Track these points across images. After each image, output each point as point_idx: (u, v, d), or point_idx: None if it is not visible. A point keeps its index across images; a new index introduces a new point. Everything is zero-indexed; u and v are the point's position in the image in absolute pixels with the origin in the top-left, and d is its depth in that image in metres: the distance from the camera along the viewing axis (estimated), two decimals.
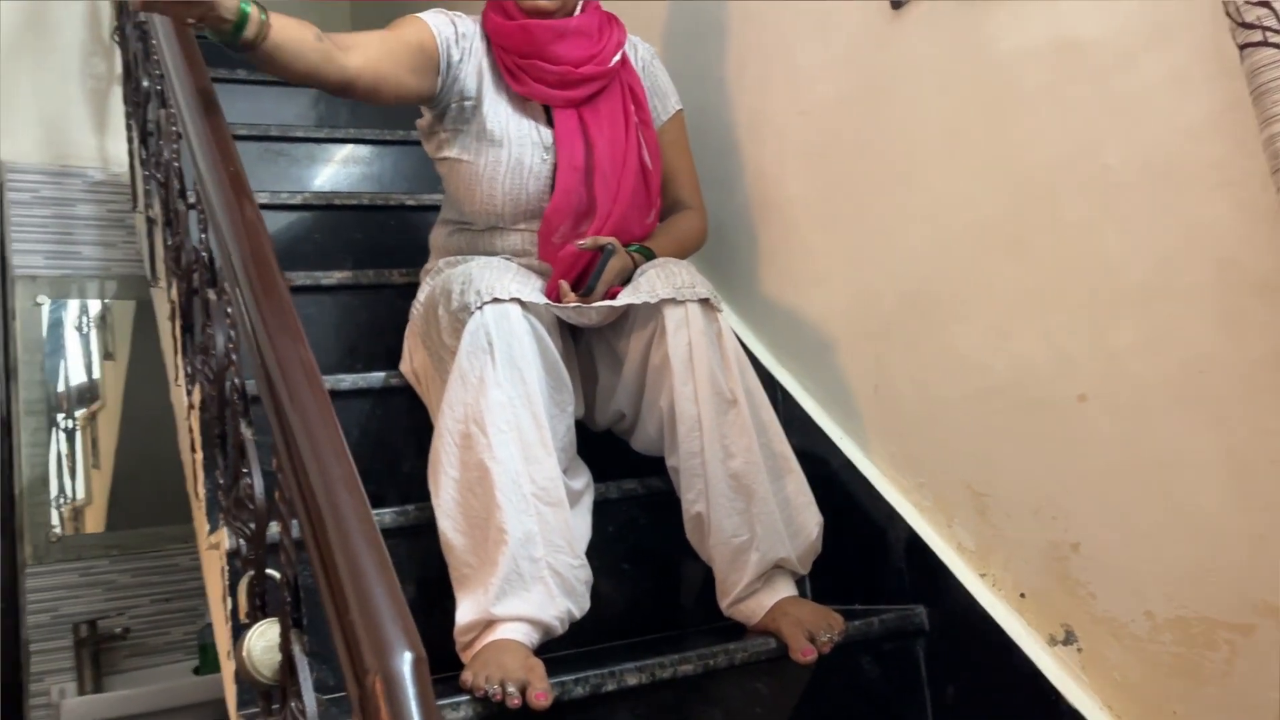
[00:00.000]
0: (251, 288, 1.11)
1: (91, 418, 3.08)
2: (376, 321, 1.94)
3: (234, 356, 1.31)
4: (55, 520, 2.53)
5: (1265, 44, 0.90)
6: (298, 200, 2.16)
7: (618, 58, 1.61)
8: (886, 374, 1.53)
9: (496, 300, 1.35)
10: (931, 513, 1.47)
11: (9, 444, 2.47)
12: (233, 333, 1.31)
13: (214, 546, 1.47)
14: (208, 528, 1.53)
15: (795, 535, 1.41)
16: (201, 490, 1.57)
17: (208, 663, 2.38)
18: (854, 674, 1.41)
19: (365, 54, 1.49)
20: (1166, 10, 1.11)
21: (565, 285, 1.46)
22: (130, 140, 2.44)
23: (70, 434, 3.03)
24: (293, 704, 0.95)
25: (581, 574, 1.31)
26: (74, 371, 2.86)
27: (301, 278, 1.90)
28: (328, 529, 0.80)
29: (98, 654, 2.39)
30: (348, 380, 1.68)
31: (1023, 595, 1.33)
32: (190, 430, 1.66)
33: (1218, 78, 1.05)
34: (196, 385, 1.58)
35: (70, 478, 2.98)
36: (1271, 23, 0.89)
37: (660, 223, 1.67)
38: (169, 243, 1.79)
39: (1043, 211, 1.28)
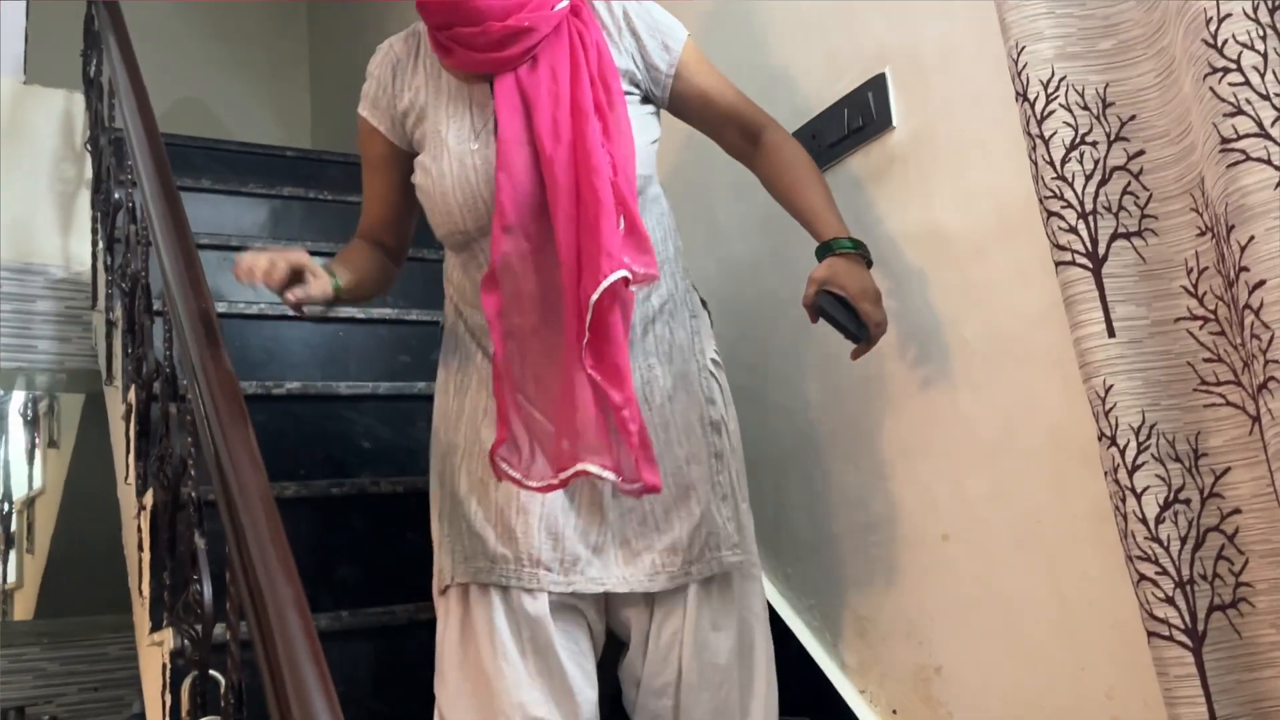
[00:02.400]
0: (217, 413, 1.25)
1: (30, 504, 3.12)
2: (325, 431, 2.07)
3: (191, 469, 1.44)
4: None
5: (1073, 264, 1.10)
6: (253, 311, 2.30)
7: (562, 4, 1.30)
8: (784, 504, 1.71)
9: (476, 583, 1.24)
10: (819, 632, 1.62)
11: None
12: (190, 444, 1.43)
13: (157, 644, 1.57)
14: (149, 625, 1.63)
15: None
16: (147, 589, 1.67)
17: None
18: None
19: (371, 220, 1.45)
20: (1013, 215, 1.33)
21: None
22: (95, 244, 2.57)
23: (5, 519, 3.07)
24: None
25: None
26: (16, 459, 2.92)
27: (253, 386, 2.03)
28: (276, 647, 0.93)
29: None
30: (291, 488, 1.80)
31: (895, 712, 1.48)
32: (139, 530, 1.76)
33: (1051, 275, 1.26)
34: (150, 489, 1.69)
35: (3, 561, 3.01)
36: (1079, 247, 1.10)
37: (758, 160, 1.43)
38: (130, 350, 1.92)
39: (910, 373, 1.48)
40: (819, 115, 1.65)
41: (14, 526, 3.03)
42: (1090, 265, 1.10)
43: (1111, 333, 1.08)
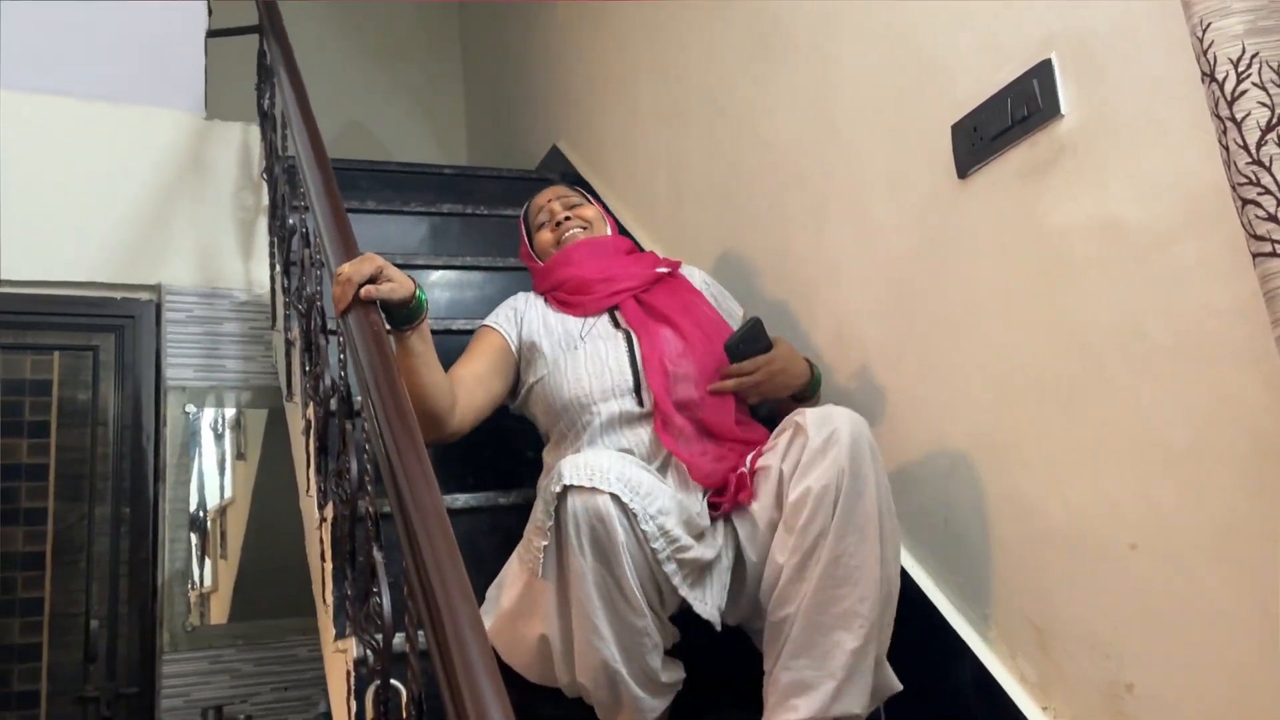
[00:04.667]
0: (390, 427, 1.29)
1: (222, 512, 3.34)
2: (489, 441, 2.12)
3: (368, 485, 1.50)
4: (190, 610, 2.77)
5: (1274, 255, 1.02)
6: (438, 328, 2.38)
7: (664, 269, 1.86)
8: (955, 510, 1.65)
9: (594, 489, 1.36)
10: (996, 644, 1.56)
11: (155, 540, 2.72)
12: (367, 460, 1.49)
13: (340, 651, 1.65)
14: (334, 632, 1.71)
15: (875, 690, 1.42)
16: (330, 596, 1.75)
17: None
18: None
19: (463, 386, 1.70)
20: (1201, 204, 1.24)
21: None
22: (272, 267, 2.72)
23: (203, 525, 3.28)
24: None
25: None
26: (209, 471, 3.12)
27: None
28: (454, 662, 0.95)
29: None
30: (461, 499, 1.86)
31: None
32: (321, 540, 1.85)
33: (1246, 267, 1.17)
34: (329, 502, 1.77)
35: (200, 566, 3.22)
36: (1276, 234, 1.02)
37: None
38: (307, 369, 2.02)
39: (1090, 371, 1.40)
40: (979, 107, 1.58)
41: (209, 534, 3.21)
42: None
43: None
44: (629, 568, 1.33)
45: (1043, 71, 1.47)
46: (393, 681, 1.35)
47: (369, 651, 1.39)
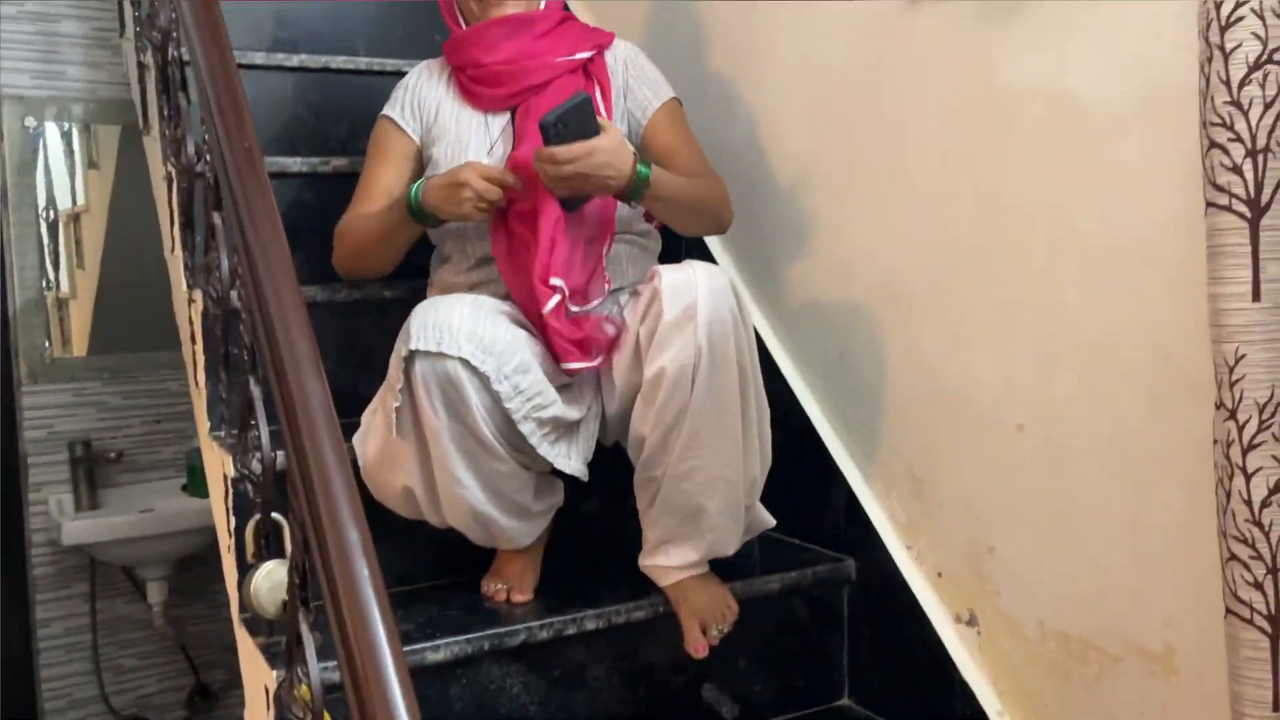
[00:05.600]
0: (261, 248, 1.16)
1: (75, 219, 3.10)
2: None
3: (239, 285, 1.37)
4: (48, 343, 2.63)
5: (1229, 209, 0.96)
6: (293, 63, 2.13)
7: (584, 54, 1.62)
8: (852, 346, 1.64)
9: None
10: (874, 481, 1.62)
11: (3, 265, 2.52)
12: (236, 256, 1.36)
13: (215, 444, 1.59)
14: (208, 425, 1.65)
15: (748, 529, 1.50)
16: (203, 385, 1.67)
17: (196, 484, 2.56)
18: (786, 612, 1.60)
19: (371, 207, 1.60)
20: (1163, 99, 1.15)
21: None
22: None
23: (53, 227, 3.05)
24: (298, 668, 1.09)
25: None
26: (59, 181, 2.85)
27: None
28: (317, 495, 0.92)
29: (92, 470, 2.56)
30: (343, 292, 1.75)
31: (940, 575, 1.50)
32: (190, 321, 1.74)
33: (1195, 183, 1.11)
34: (198, 290, 1.64)
35: (54, 270, 3.03)
36: (1239, 191, 0.96)
37: None
38: (166, 131, 1.80)
39: (1012, 245, 1.36)
40: None
41: (61, 238, 2.99)
42: (1248, 214, 0.96)
43: (1257, 295, 0.96)
44: (485, 424, 1.31)
45: None
46: (275, 516, 1.33)
47: (248, 484, 1.35)
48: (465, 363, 1.29)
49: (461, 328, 1.30)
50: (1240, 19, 0.95)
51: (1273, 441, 0.97)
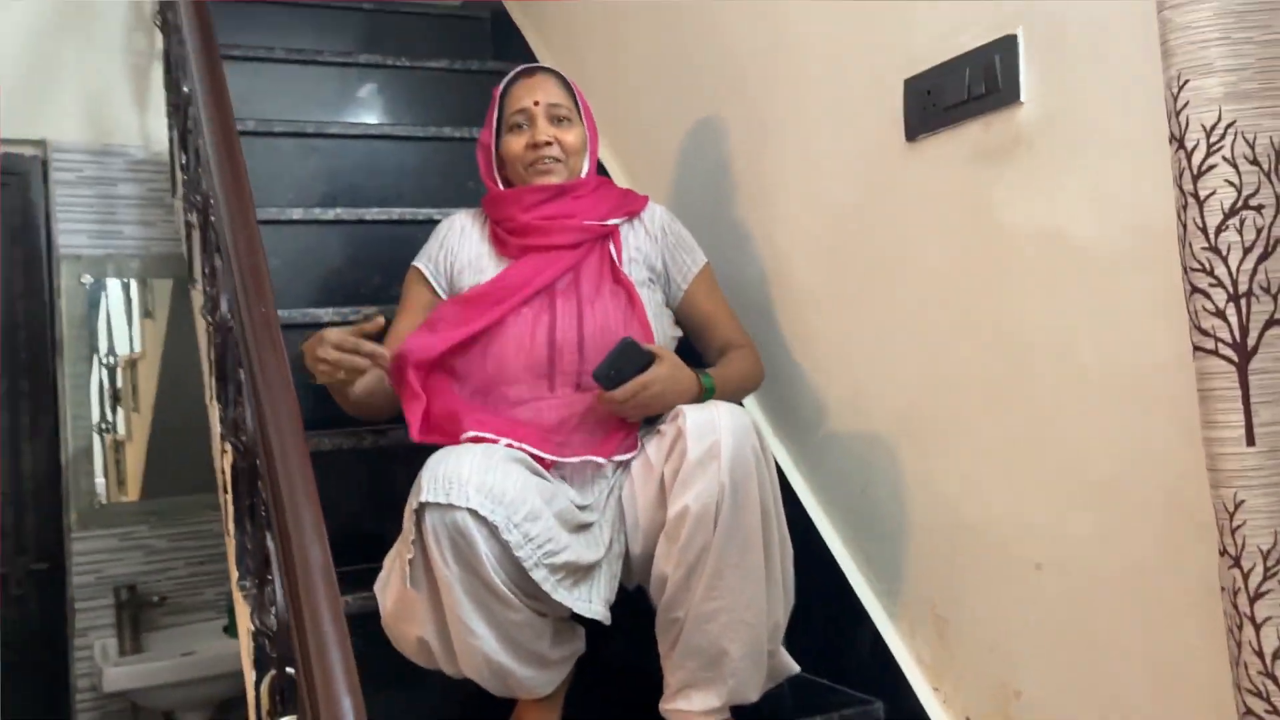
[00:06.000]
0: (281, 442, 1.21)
1: (132, 365, 3.23)
2: None
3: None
4: (102, 483, 2.71)
5: (1215, 354, 0.96)
6: (330, 216, 2.23)
7: (614, 221, 1.68)
8: (873, 480, 1.63)
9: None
10: (899, 620, 1.59)
11: (55, 416, 2.62)
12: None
13: (242, 591, 1.61)
14: (236, 574, 1.67)
15: (771, 675, 1.46)
16: (232, 530, 1.70)
17: (236, 626, 2.58)
18: None
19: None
20: (1153, 237, 1.16)
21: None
22: (170, 129, 2.50)
23: (112, 373, 3.17)
24: None
25: None
26: (118, 330, 2.97)
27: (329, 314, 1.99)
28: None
29: (136, 615, 2.60)
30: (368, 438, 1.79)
31: (968, 719, 1.46)
32: (222, 470, 1.79)
33: (1186, 323, 1.11)
34: (227, 445, 1.69)
35: (112, 413, 3.13)
36: (1224, 335, 0.96)
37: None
38: (206, 288, 1.88)
39: (1020, 378, 1.35)
40: (936, 68, 1.45)
41: (120, 382, 3.11)
42: (1235, 358, 0.95)
43: (1251, 440, 0.95)
44: (495, 573, 1.31)
45: (1006, 47, 1.34)
46: (289, 670, 1.34)
47: (265, 639, 1.36)
48: (474, 513, 1.30)
49: (470, 479, 1.32)
50: (1213, 167, 0.96)
51: None
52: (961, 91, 1.41)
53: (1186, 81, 0.97)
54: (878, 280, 1.61)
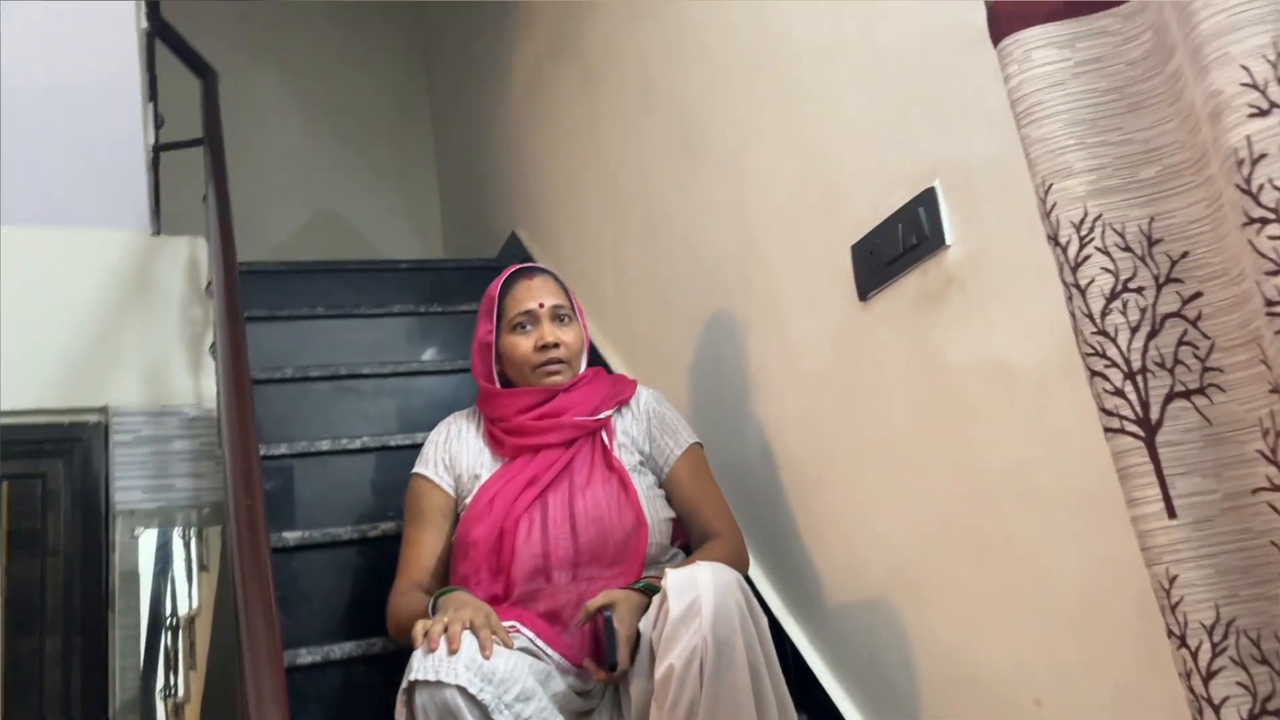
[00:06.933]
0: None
1: (190, 622, 3.29)
2: None
3: None
4: None
5: (1122, 431, 0.97)
6: (356, 445, 2.36)
7: (605, 414, 1.73)
8: (879, 644, 1.59)
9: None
10: None
11: (105, 670, 2.68)
12: None
13: None
14: None
15: None
16: None
17: None
18: None
19: (422, 573, 1.69)
20: (1075, 351, 1.18)
21: (593, 666, 1.45)
22: (217, 386, 2.69)
23: (174, 631, 3.23)
24: None
25: None
26: (178, 585, 3.06)
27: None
28: None
29: None
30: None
31: None
32: None
33: None
34: None
35: (173, 674, 3.17)
36: (1127, 412, 0.97)
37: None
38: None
39: (993, 519, 1.34)
40: (875, 230, 1.54)
41: (180, 644, 3.17)
42: (1142, 433, 0.96)
43: (1172, 513, 0.94)
44: None
45: (928, 200, 1.43)
46: None
47: None
48: (463, 691, 1.30)
49: (460, 656, 1.33)
50: (1086, 257, 1.00)
51: (1233, 666, 0.90)
52: (897, 246, 1.49)
53: (1051, 185, 1.03)
54: (856, 443, 1.63)
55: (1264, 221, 0.83)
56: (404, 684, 1.35)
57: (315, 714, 1.71)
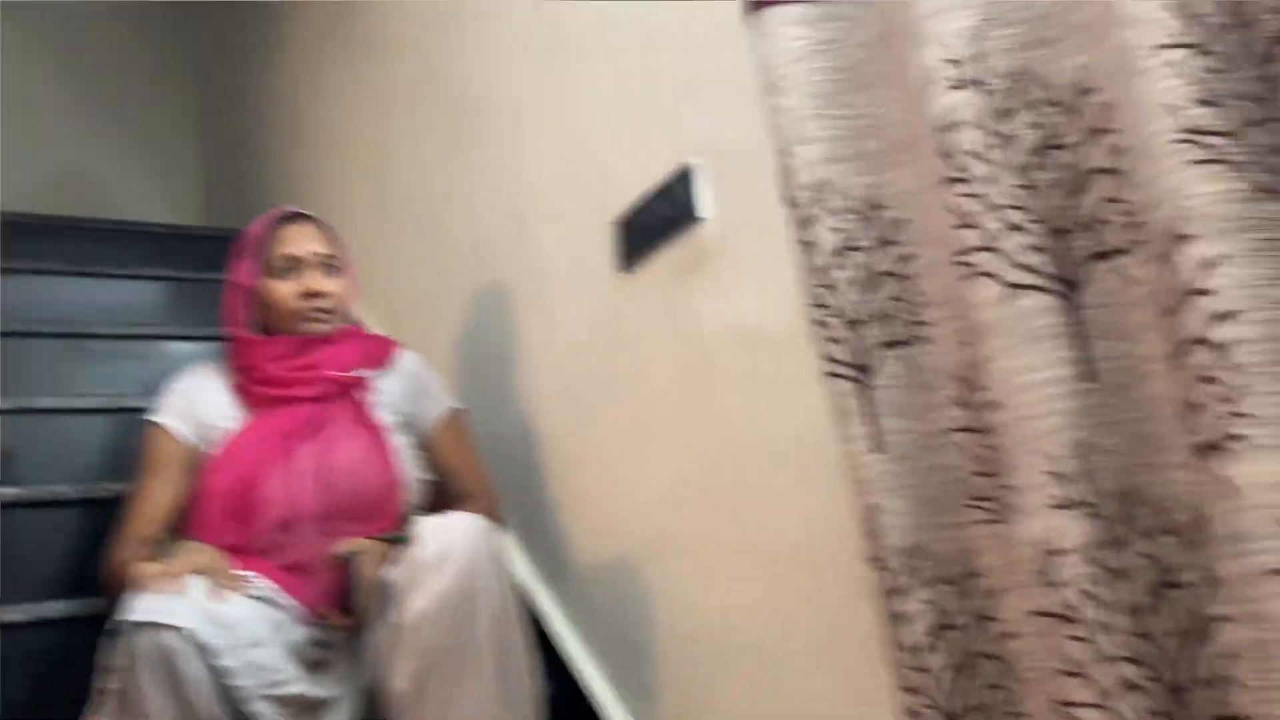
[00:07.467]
0: None
1: None
2: None
3: None
4: None
5: (840, 376, 1.06)
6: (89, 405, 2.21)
7: (359, 372, 1.69)
8: (627, 607, 1.64)
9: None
10: None
11: None
12: None
13: None
14: None
15: None
16: None
17: None
18: None
19: (153, 525, 1.58)
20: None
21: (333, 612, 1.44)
22: None
23: None
24: None
25: None
26: None
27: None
28: None
29: None
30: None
31: None
32: None
33: None
34: None
35: None
36: (845, 357, 1.06)
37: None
38: None
39: (736, 476, 1.43)
40: (635, 205, 1.61)
41: None
42: (858, 376, 1.05)
43: (881, 448, 1.03)
44: (208, 707, 1.23)
45: (685, 177, 1.50)
46: None
47: None
48: (188, 636, 1.24)
49: (186, 599, 1.27)
50: (816, 217, 1.09)
51: (922, 586, 1.00)
52: (655, 220, 1.56)
53: (792, 151, 1.12)
54: (614, 414, 1.68)
55: (953, 181, 0.94)
56: (116, 627, 1.26)
57: (25, 674, 1.58)
